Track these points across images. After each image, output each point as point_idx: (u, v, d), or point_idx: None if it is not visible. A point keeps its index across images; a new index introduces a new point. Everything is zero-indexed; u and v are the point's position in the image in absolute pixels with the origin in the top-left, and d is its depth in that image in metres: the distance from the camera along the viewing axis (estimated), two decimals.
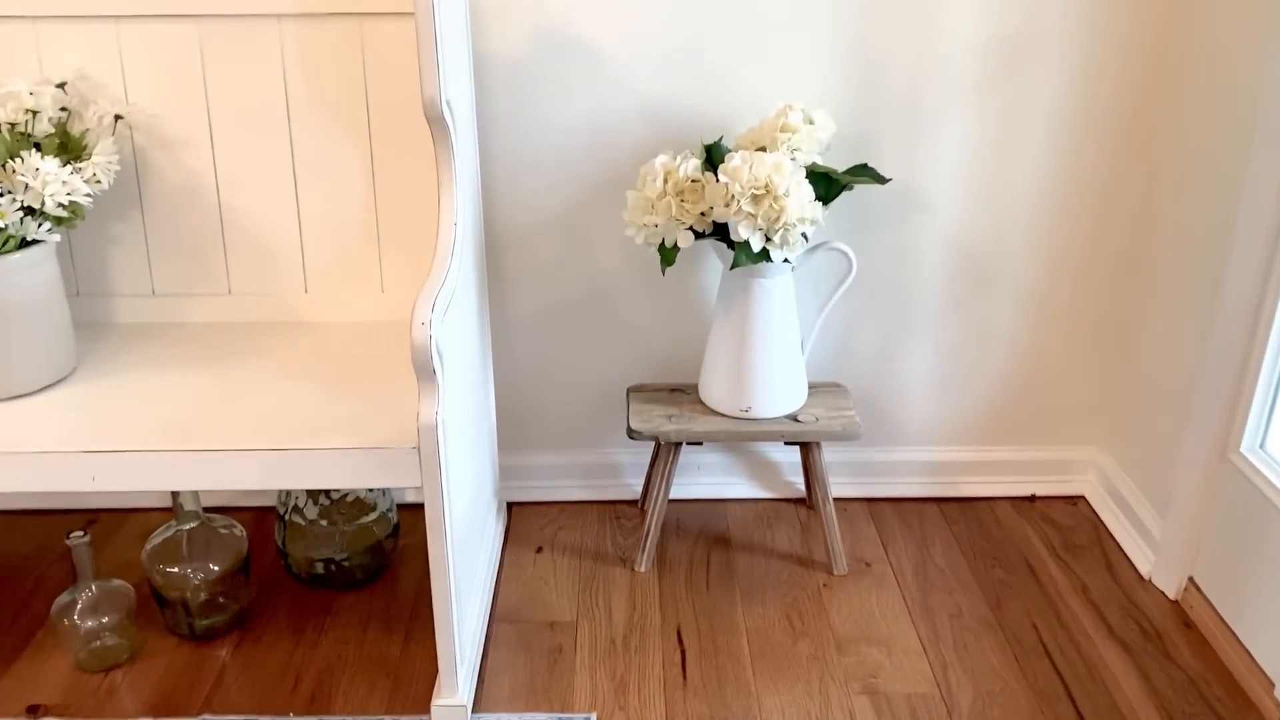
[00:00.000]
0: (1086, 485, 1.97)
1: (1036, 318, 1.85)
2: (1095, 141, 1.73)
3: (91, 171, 1.43)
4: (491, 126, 1.69)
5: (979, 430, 1.94)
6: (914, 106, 1.70)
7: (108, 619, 1.50)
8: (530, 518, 1.90)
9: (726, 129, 1.69)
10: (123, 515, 1.87)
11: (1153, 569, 1.73)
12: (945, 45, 1.66)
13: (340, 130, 1.58)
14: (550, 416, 1.91)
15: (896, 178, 1.73)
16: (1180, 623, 1.64)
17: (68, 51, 1.53)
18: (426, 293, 1.26)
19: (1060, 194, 1.76)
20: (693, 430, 1.68)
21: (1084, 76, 1.69)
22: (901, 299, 1.83)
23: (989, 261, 1.81)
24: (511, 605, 1.67)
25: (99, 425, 1.34)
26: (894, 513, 1.92)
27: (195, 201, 1.60)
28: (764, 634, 1.61)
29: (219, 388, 1.44)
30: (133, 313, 1.64)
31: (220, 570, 1.55)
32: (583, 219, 1.76)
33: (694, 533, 1.86)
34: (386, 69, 1.54)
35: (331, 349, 1.56)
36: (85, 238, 1.62)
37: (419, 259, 1.62)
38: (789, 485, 1.96)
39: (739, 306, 1.64)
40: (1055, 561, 1.78)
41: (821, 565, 1.77)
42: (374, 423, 1.33)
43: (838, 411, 1.72)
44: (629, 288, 1.82)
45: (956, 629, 1.62)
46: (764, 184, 1.48)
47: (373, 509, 1.68)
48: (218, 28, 1.52)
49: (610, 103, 1.69)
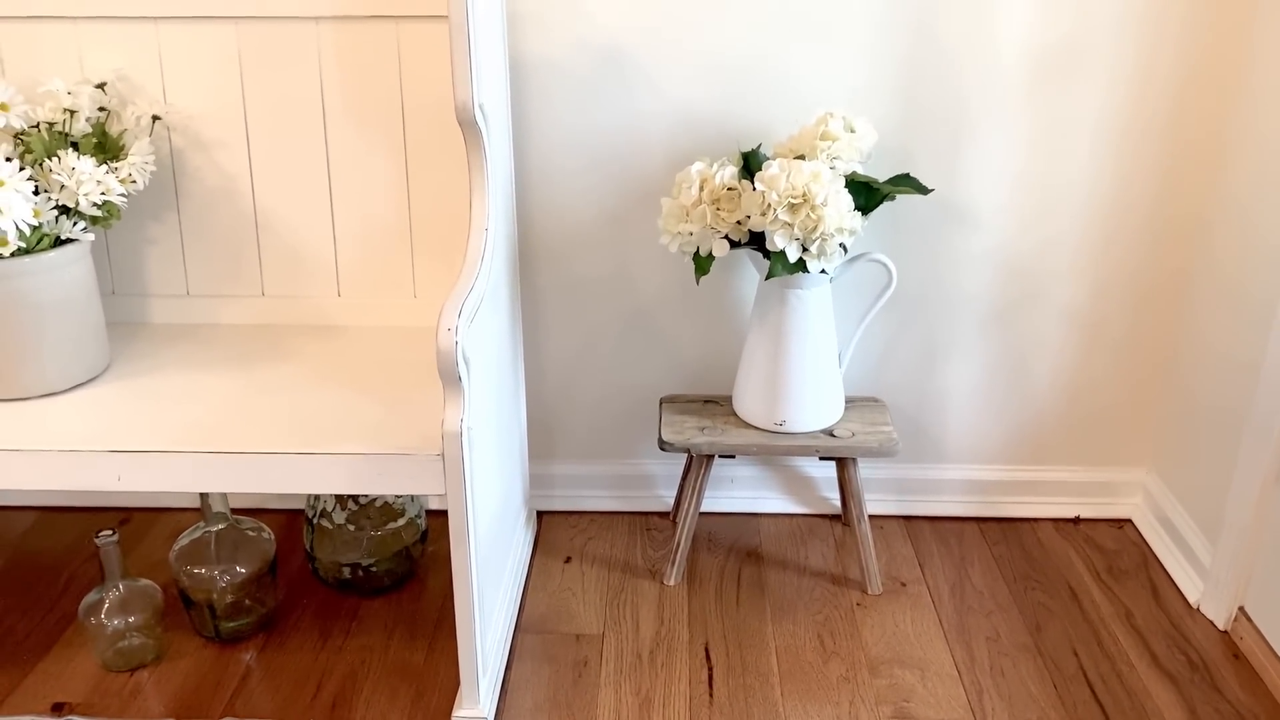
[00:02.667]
0: (1133, 508, 1.90)
1: (1083, 334, 1.80)
2: (1147, 156, 1.68)
3: (127, 172, 1.43)
4: (527, 131, 1.68)
5: (1022, 449, 1.89)
6: (959, 117, 1.66)
7: (134, 619, 1.49)
8: (560, 527, 1.88)
9: (766, 136, 1.67)
10: (155, 514, 1.88)
11: (1201, 597, 1.67)
12: (992, 54, 1.62)
13: (375, 133, 1.57)
14: (582, 426, 1.89)
15: (939, 189, 1.69)
16: (1229, 654, 1.58)
17: (108, 52, 1.54)
18: (454, 298, 1.25)
19: (1109, 208, 1.71)
20: (725, 443, 1.65)
21: (1136, 88, 1.64)
22: (943, 313, 1.79)
23: (1034, 276, 1.76)
24: (538, 616, 1.65)
25: (127, 424, 1.34)
26: (932, 532, 1.87)
27: (230, 203, 1.61)
28: (794, 653, 1.57)
29: (247, 390, 1.43)
30: (167, 313, 1.65)
31: (247, 573, 1.55)
32: (618, 226, 1.74)
33: (725, 547, 1.82)
34: (422, 72, 1.53)
35: (362, 353, 1.55)
36: (122, 237, 1.63)
37: (452, 264, 1.61)
38: (824, 501, 1.92)
39: (775, 318, 1.61)
40: (1099, 586, 1.72)
41: (855, 584, 1.73)
42: (400, 429, 1.32)
43: (875, 427, 1.68)
44: (663, 297, 1.79)
45: (993, 653, 1.57)
46: (801, 193, 1.45)
47: (401, 515, 1.66)
48: (256, 29, 1.53)
49: (647, 108, 1.67)
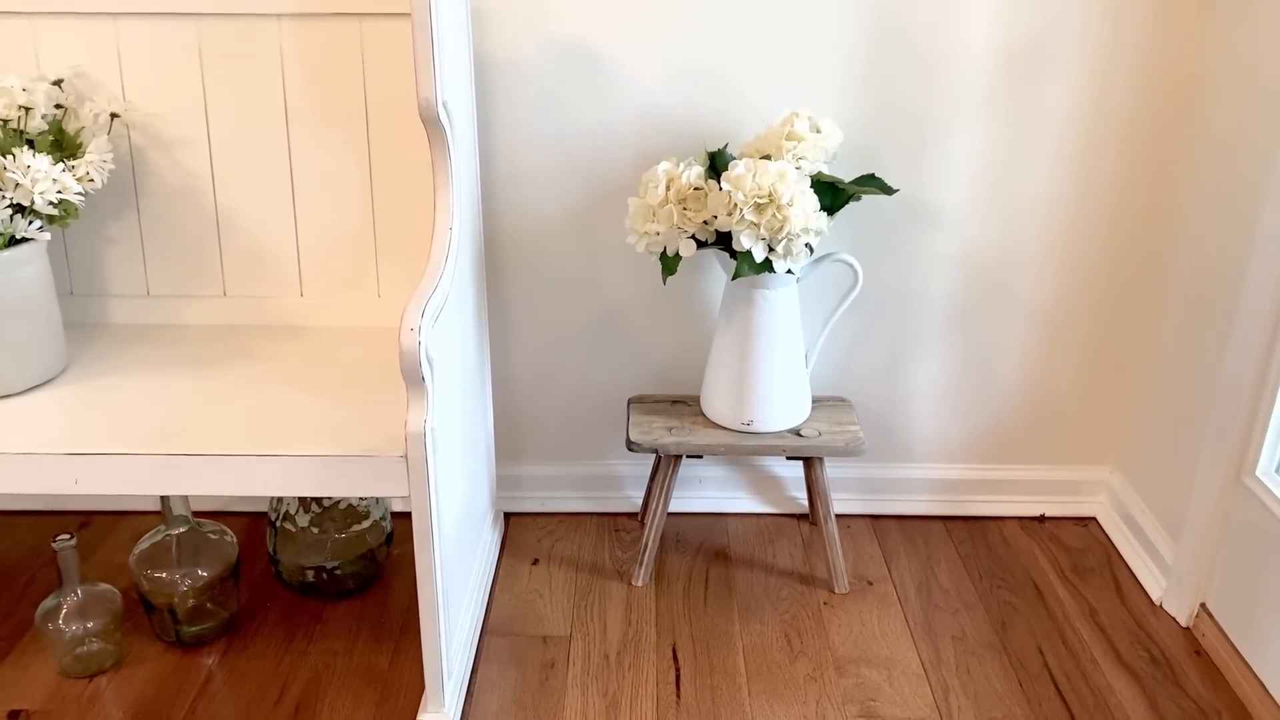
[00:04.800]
0: (1098, 506, 1.92)
1: (1048, 334, 1.81)
2: (1110, 156, 1.69)
3: (85, 170, 1.41)
4: (493, 130, 1.67)
5: (987, 448, 1.90)
6: (924, 117, 1.67)
7: (93, 624, 1.47)
8: (528, 528, 1.87)
9: (732, 136, 1.66)
10: (115, 517, 1.85)
11: (1164, 594, 1.68)
12: (956, 55, 1.63)
13: (339, 132, 1.55)
14: (550, 426, 1.88)
15: (905, 189, 1.70)
16: (1191, 650, 1.59)
17: (65, 48, 1.51)
18: (417, 298, 1.23)
19: (1074, 208, 1.72)
20: (693, 443, 1.65)
21: (1099, 89, 1.65)
22: (909, 312, 1.80)
23: (999, 276, 1.77)
24: (504, 618, 1.64)
25: (84, 427, 1.32)
26: (898, 530, 1.88)
27: (192, 202, 1.58)
28: (761, 653, 1.57)
29: (208, 391, 1.41)
30: (126, 313, 1.62)
31: (209, 576, 1.53)
32: (585, 225, 1.74)
33: (693, 547, 1.82)
34: (386, 70, 1.52)
35: (325, 354, 1.53)
36: (80, 237, 1.60)
37: (417, 264, 1.59)
38: (791, 500, 1.92)
39: (741, 318, 1.61)
40: (1064, 584, 1.73)
41: (822, 583, 1.73)
42: (363, 430, 1.31)
43: (841, 426, 1.68)
44: (631, 297, 1.79)
45: (960, 652, 1.58)
46: (767, 192, 1.44)
47: (365, 517, 1.65)
48: (217, 26, 1.51)
49: (614, 108, 1.66)
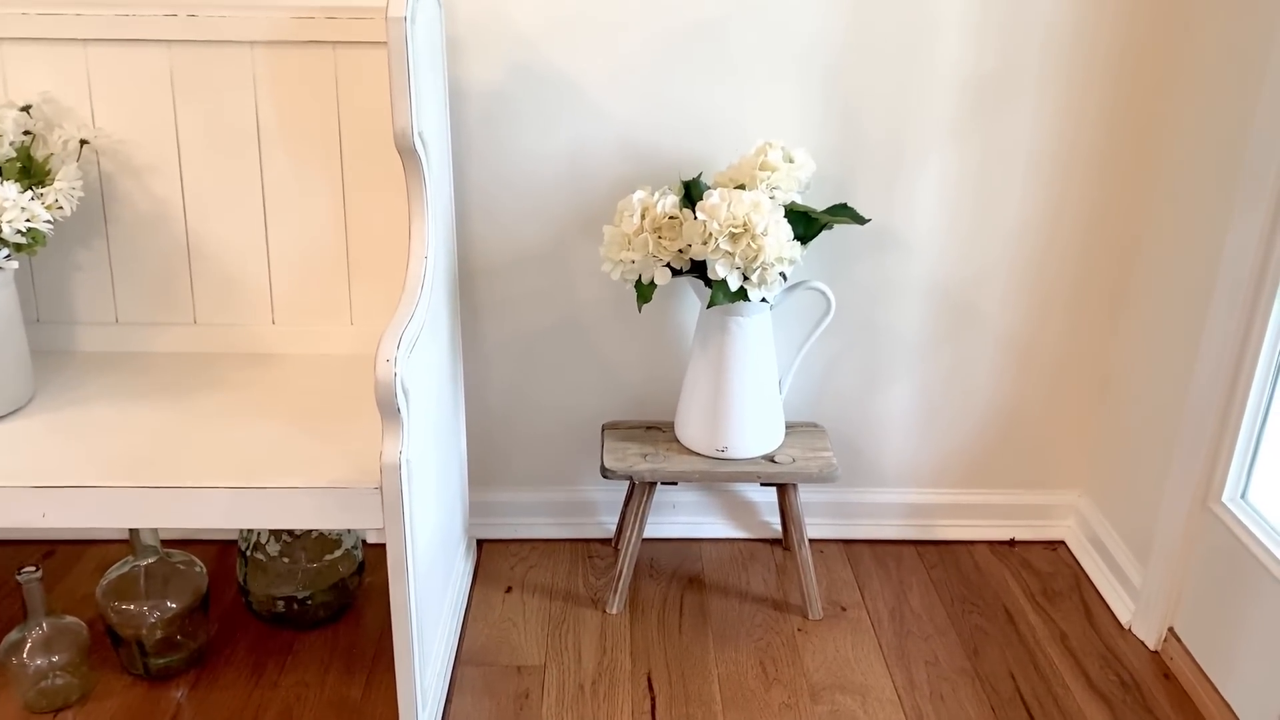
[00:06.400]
0: (1067, 530, 1.94)
1: (1018, 360, 1.83)
2: (1077, 184, 1.72)
3: (54, 198, 1.39)
4: (468, 158, 1.67)
5: (958, 472, 1.91)
6: (894, 146, 1.68)
7: (58, 658, 1.45)
8: (501, 556, 1.86)
9: (706, 166, 1.67)
10: (81, 547, 1.82)
11: (1133, 618, 1.70)
12: (925, 85, 1.65)
13: (312, 159, 1.55)
14: (524, 452, 1.87)
15: (876, 217, 1.71)
16: (1160, 674, 1.61)
17: (34, 74, 1.49)
18: (393, 328, 1.23)
19: (1042, 236, 1.75)
20: (667, 470, 1.65)
21: (1065, 118, 1.68)
22: (881, 339, 1.81)
23: (970, 303, 1.79)
24: (478, 647, 1.63)
25: (52, 459, 1.30)
26: (871, 555, 1.89)
27: (162, 229, 1.57)
28: (736, 680, 1.57)
29: (179, 421, 1.40)
30: (95, 341, 1.60)
31: (178, 608, 1.51)
32: (560, 253, 1.74)
33: (668, 573, 1.82)
34: (360, 97, 1.52)
35: (298, 382, 1.52)
36: (48, 264, 1.58)
37: (390, 291, 1.58)
38: (765, 525, 1.93)
39: (716, 345, 1.61)
40: (1034, 609, 1.75)
41: (797, 609, 1.73)
42: (336, 461, 1.30)
43: (815, 453, 1.69)
44: (606, 324, 1.79)
45: (933, 677, 1.59)
46: (742, 222, 1.45)
47: (337, 546, 1.63)
48: (189, 53, 1.50)
49: (589, 137, 1.67)
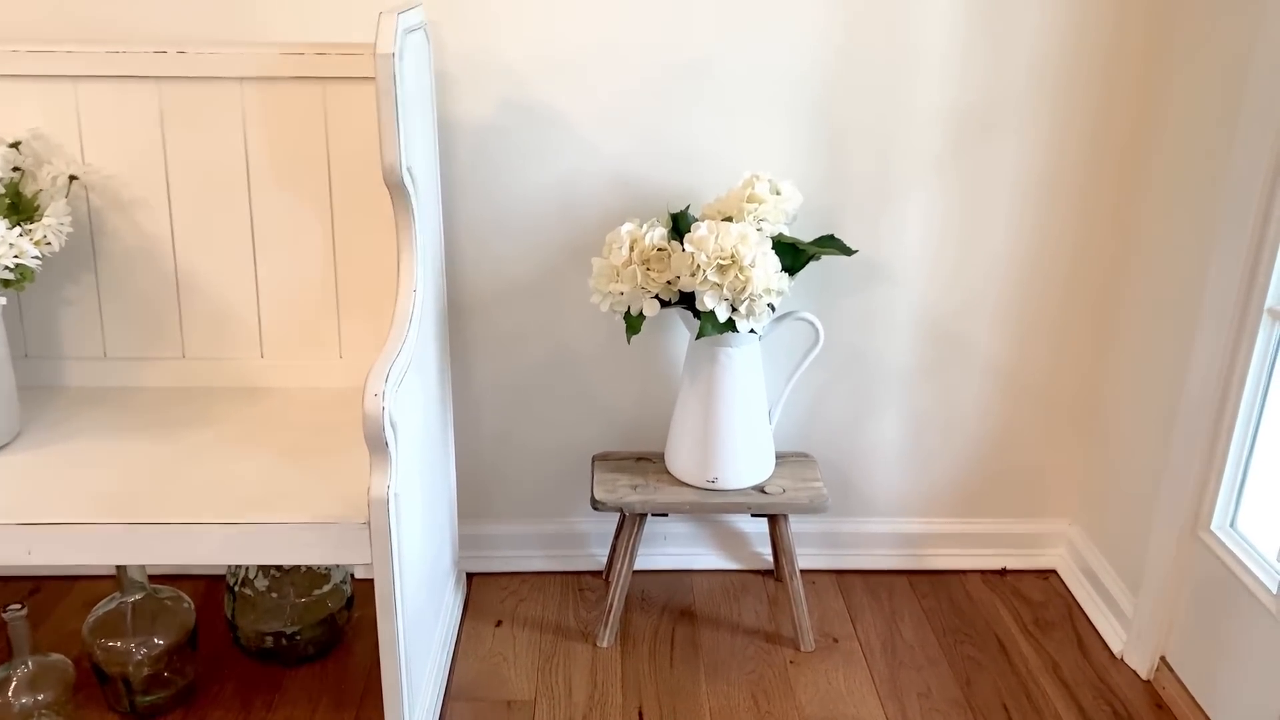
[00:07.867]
0: (1058, 559, 1.94)
1: (1007, 389, 1.84)
2: (1061, 214, 1.73)
3: (42, 234, 1.39)
4: (457, 191, 1.67)
5: (949, 502, 1.91)
6: (880, 178, 1.70)
7: (44, 696, 1.43)
8: (491, 589, 1.85)
9: (694, 198, 1.68)
10: (68, 583, 1.81)
11: (1125, 647, 1.70)
12: (910, 118, 1.66)
13: (301, 194, 1.55)
14: (513, 485, 1.87)
15: (863, 248, 1.72)
16: (1153, 703, 1.60)
17: (24, 111, 1.50)
18: (381, 362, 1.23)
19: (1028, 266, 1.76)
20: (658, 501, 1.65)
21: (1048, 149, 1.69)
22: (870, 370, 1.81)
23: (958, 333, 1.80)
24: (468, 682, 1.62)
25: (39, 495, 1.29)
26: (863, 585, 1.88)
27: (151, 264, 1.57)
28: (728, 714, 1.56)
29: (166, 457, 1.39)
30: (83, 376, 1.60)
31: (165, 644, 1.50)
32: (549, 285, 1.74)
33: (659, 605, 1.81)
34: (349, 133, 1.52)
35: (286, 416, 1.52)
36: (36, 299, 1.58)
37: (379, 324, 1.58)
38: (756, 556, 1.92)
39: (705, 376, 1.62)
40: (1026, 638, 1.74)
41: (789, 641, 1.72)
42: (324, 496, 1.29)
43: (805, 483, 1.69)
44: (595, 355, 1.79)
45: (925, 709, 1.58)
46: (730, 254, 1.46)
47: (326, 581, 1.63)
48: (178, 89, 1.50)
49: (578, 170, 1.67)
